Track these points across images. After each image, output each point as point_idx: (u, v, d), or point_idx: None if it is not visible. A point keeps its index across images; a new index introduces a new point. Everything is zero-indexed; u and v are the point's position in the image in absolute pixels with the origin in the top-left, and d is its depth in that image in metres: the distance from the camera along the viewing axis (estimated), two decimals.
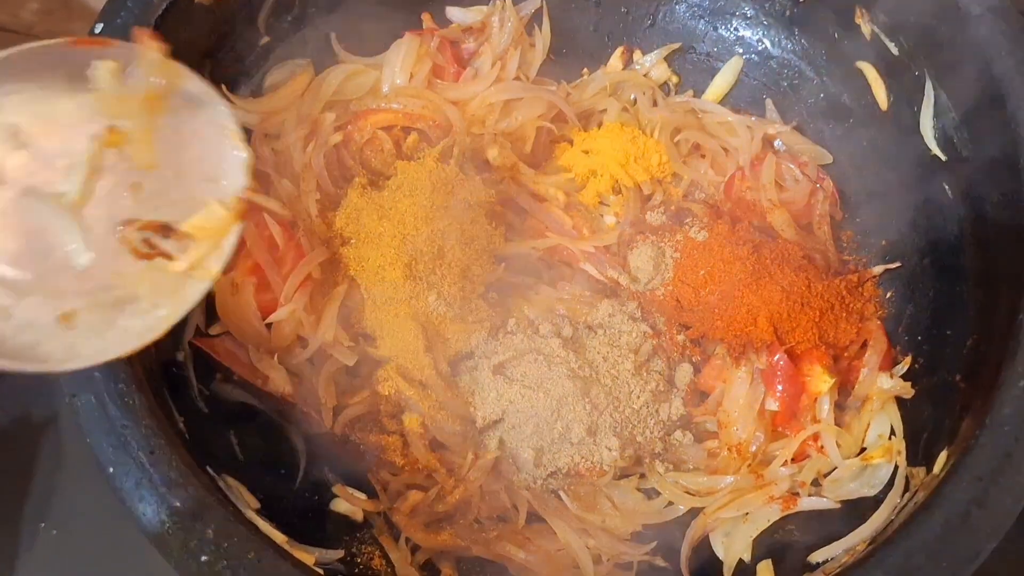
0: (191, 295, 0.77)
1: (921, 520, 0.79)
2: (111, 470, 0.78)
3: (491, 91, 1.20)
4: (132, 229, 0.74)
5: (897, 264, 1.12)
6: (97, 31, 0.93)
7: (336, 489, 1.01)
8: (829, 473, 1.02)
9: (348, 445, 1.04)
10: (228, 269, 1.04)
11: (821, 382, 1.03)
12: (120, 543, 1.06)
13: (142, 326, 0.76)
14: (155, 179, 0.75)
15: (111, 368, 0.80)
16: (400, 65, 1.19)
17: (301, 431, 1.03)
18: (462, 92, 1.21)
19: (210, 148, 0.79)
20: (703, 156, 1.22)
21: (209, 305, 1.05)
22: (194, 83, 0.78)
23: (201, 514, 0.76)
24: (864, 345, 1.06)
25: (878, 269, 1.13)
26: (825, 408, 1.03)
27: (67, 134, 0.71)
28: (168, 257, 0.77)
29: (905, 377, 1.03)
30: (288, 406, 1.03)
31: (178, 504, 0.76)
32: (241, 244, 1.04)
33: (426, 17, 1.24)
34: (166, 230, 0.75)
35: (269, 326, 1.05)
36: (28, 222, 0.70)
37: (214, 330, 1.04)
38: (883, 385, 1.02)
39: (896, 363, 1.06)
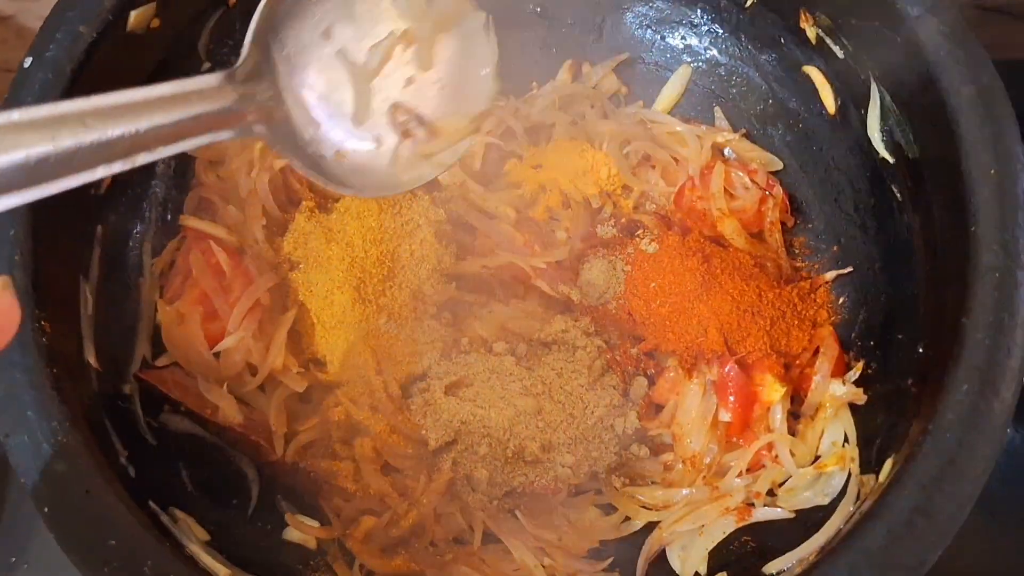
0: (421, 176, 0.92)
1: (865, 529, 0.78)
2: (46, 510, 0.77)
3: None
4: (400, 110, 0.91)
5: (849, 269, 1.11)
6: (27, 65, 0.92)
7: (287, 518, 1.01)
8: (784, 483, 1.01)
9: (300, 473, 1.03)
10: (173, 299, 1.05)
11: (773, 391, 1.02)
12: None
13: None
14: (426, 79, 0.93)
15: (45, 407, 0.80)
16: None
17: (252, 460, 1.03)
18: None
19: (469, 70, 0.96)
20: (653, 167, 1.21)
21: (156, 336, 1.04)
22: (478, 21, 0.96)
23: (135, 552, 0.75)
24: (816, 352, 1.05)
25: (830, 275, 1.12)
26: (778, 417, 1.02)
27: (379, 23, 0.89)
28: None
29: (858, 383, 1.03)
30: (238, 435, 1.02)
31: (113, 543, 0.75)
32: (187, 273, 1.05)
33: None
34: (421, 120, 0.91)
35: (217, 355, 1.04)
36: (334, 75, 0.85)
37: (161, 361, 1.04)
38: (836, 392, 1.02)
39: (849, 369, 1.05)
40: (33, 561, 1.12)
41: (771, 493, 1.01)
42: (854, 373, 1.03)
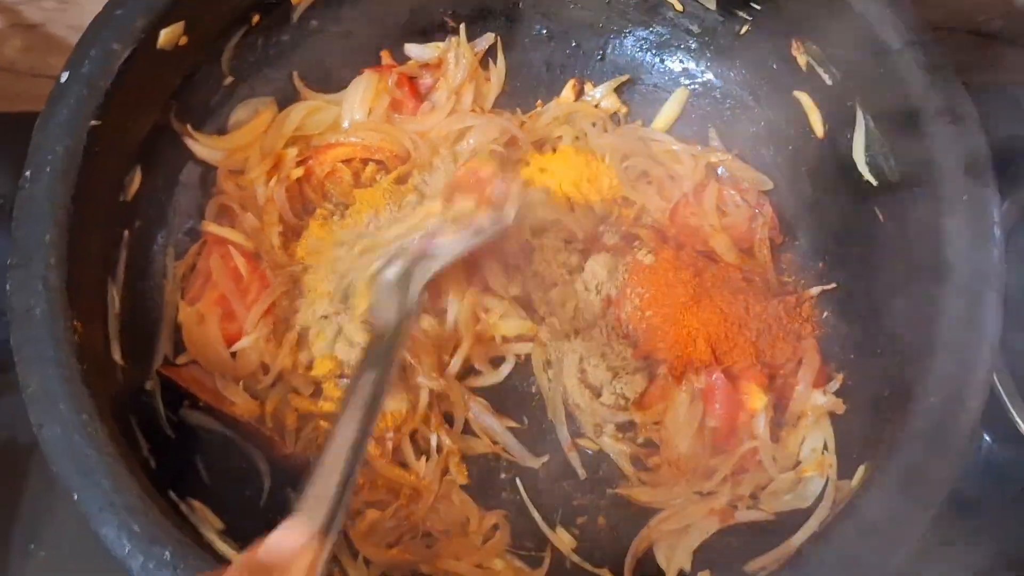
0: None
1: (837, 531, 0.84)
2: (76, 496, 0.83)
3: (445, 121, 1.26)
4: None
5: (833, 285, 1.17)
6: (63, 80, 0.98)
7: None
8: (766, 487, 1.07)
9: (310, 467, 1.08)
10: (193, 300, 1.10)
11: (756, 399, 1.08)
12: (108, 564, 1.09)
13: None
14: None
15: (76, 400, 0.85)
16: (359, 100, 1.25)
17: (264, 454, 1.08)
18: (419, 124, 1.26)
19: None
20: (650, 182, 1.27)
21: (176, 336, 1.10)
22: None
23: (158, 537, 0.81)
24: (800, 363, 1.11)
25: (815, 290, 1.18)
26: (761, 425, 1.07)
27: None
28: None
29: (838, 393, 1.08)
30: (252, 430, 1.08)
31: (137, 528, 0.81)
32: (207, 276, 1.11)
33: (385, 54, 1.30)
34: None
35: (234, 354, 1.10)
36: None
37: (181, 360, 1.10)
38: (817, 401, 1.08)
39: (830, 380, 1.11)
40: (50, 548, 1.15)
41: (753, 496, 1.07)
42: (834, 384, 1.09)
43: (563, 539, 1.08)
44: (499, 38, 1.31)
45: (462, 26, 1.29)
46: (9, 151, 1.01)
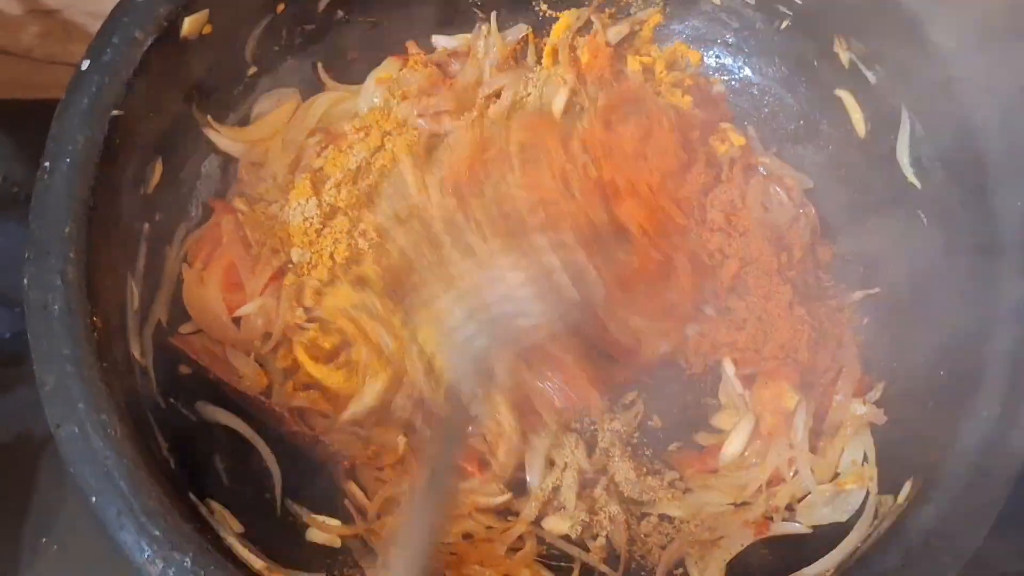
0: None
1: (883, 550, 0.81)
2: (94, 499, 0.80)
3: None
4: None
5: (877, 289, 1.13)
6: (84, 68, 0.95)
7: (307, 520, 1.03)
8: (803, 498, 1.03)
9: (324, 472, 1.06)
10: (197, 263, 1.08)
11: (788, 399, 1.05)
12: (119, 558, 1.08)
13: None
14: None
15: (94, 399, 0.82)
16: (375, 85, 1.22)
17: (275, 437, 1.05)
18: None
19: None
20: None
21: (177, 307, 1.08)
22: None
23: (178, 543, 0.78)
24: (839, 372, 1.07)
25: (858, 295, 1.14)
26: (800, 434, 1.04)
27: None
28: None
29: (878, 404, 1.05)
30: (261, 408, 1.05)
31: (157, 533, 0.78)
32: (215, 242, 1.08)
33: (411, 44, 1.26)
34: None
35: (238, 323, 1.08)
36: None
37: (185, 329, 1.07)
38: (856, 411, 1.04)
39: (870, 389, 1.07)
40: (62, 543, 1.14)
41: (790, 508, 1.03)
42: (875, 393, 1.06)
43: (592, 548, 1.05)
44: (531, 31, 1.28)
45: (493, 14, 1.26)
46: (26, 139, 0.99)
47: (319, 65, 1.22)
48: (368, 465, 1.06)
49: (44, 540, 1.14)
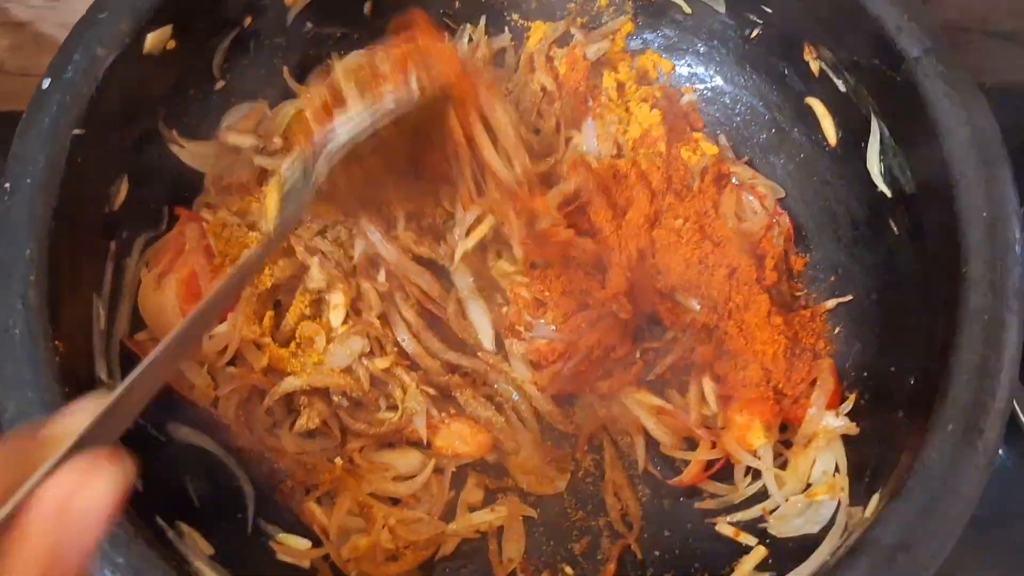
0: None
1: (849, 563, 0.80)
2: None
3: None
4: None
5: (849, 297, 1.13)
6: (45, 86, 0.94)
7: (273, 543, 1.02)
8: (774, 510, 1.03)
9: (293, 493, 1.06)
10: (160, 275, 1.07)
11: (755, 438, 1.05)
12: None
13: None
14: None
15: None
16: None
17: (249, 476, 1.04)
18: None
19: None
20: None
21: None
22: None
23: (142, 569, 0.78)
24: (813, 383, 1.07)
25: (831, 303, 1.14)
26: (767, 458, 1.05)
27: None
28: None
29: (851, 414, 1.05)
30: (215, 426, 1.04)
31: (120, 560, 0.78)
32: (177, 250, 1.07)
33: None
34: None
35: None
36: None
37: (140, 336, 1.05)
38: (829, 424, 1.03)
39: (843, 400, 1.07)
40: None
41: (762, 520, 1.03)
42: (847, 405, 1.05)
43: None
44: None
45: (483, 18, 1.26)
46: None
47: (285, 70, 1.21)
48: (304, 484, 1.05)
49: None
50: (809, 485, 1.03)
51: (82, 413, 0.55)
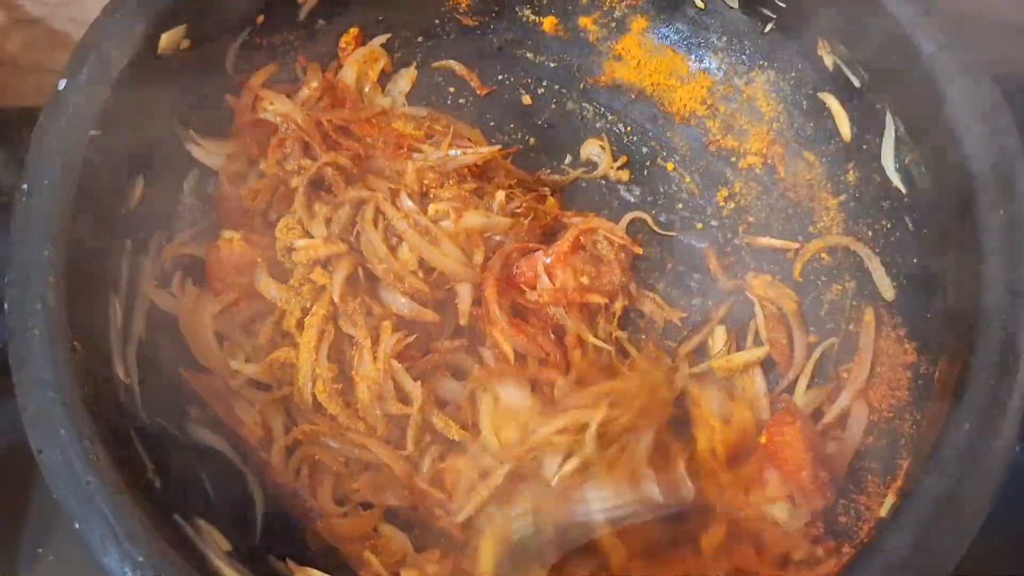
0: None
1: (865, 565, 0.81)
2: (77, 525, 0.81)
3: None
4: None
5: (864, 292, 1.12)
6: (61, 88, 0.95)
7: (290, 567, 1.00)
8: None
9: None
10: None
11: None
12: None
13: None
14: None
15: (76, 425, 0.82)
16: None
17: (258, 479, 1.04)
18: None
19: None
20: None
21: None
22: None
23: (162, 567, 0.78)
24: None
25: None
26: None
27: None
28: None
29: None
30: (251, 450, 1.04)
31: (140, 558, 0.78)
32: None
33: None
34: None
35: None
36: None
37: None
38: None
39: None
40: (58, 552, 1.14)
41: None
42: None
43: None
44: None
45: None
46: (15, 146, 0.98)
47: (298, 66, 1.21)
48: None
49: (40, 550, 1.14)
50: None
51: None
